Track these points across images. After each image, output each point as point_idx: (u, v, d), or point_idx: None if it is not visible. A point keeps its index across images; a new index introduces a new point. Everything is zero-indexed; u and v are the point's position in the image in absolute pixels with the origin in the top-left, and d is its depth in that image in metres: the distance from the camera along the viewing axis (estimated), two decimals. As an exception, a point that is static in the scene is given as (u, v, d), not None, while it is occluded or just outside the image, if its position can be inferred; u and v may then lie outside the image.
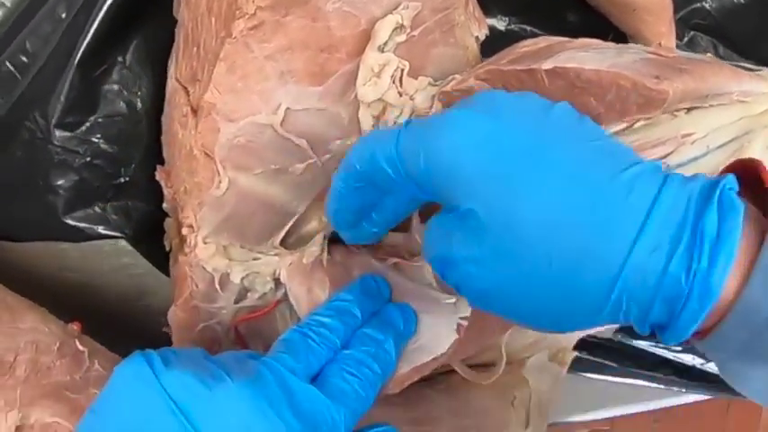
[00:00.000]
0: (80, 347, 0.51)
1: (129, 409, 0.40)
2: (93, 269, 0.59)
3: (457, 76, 0.52)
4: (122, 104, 0.56)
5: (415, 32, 0.52)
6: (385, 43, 0.50)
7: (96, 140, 0.56)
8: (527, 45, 0.52)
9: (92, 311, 0.57)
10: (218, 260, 0.52)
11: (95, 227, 0.56)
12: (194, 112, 0.50)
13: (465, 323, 0.49)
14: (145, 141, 0.56)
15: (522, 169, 0.37)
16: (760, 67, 0.57)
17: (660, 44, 0.62)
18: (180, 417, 0.39)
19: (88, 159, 0.55)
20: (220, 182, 0.50)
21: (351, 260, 0.53)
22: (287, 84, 0.50)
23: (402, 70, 0.51)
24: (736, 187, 0.36)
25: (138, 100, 0.56)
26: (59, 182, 0.55)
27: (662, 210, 0.35)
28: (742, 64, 0.60)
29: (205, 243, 0.51)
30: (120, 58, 0.56)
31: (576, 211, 0.35)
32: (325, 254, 0.53)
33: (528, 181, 0.36)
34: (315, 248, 0.53)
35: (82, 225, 0.56)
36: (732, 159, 0.53)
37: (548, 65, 0.47)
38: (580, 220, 0.35)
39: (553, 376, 0.63)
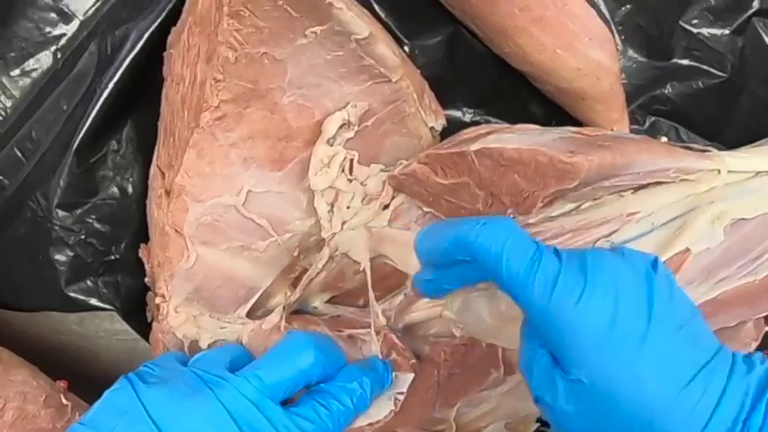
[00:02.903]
0: (64, 401, 0.61)
1: (115, 420, 0.49)
2: (89, 335, 0.68)
3: (403, 161, 0.61)
4: (115, 189, 0.66)
5: (368, 123, 0.61)
6: (333, 137, 0.59)
7: (91, 221, 0.66)
8: (469, 132, 0.61)
9: (84, 373, 0.67)
10: (188, 327, 0.61)
11: (88, 299, 0.66)
12: (167, 193, 0.60)
13: (401, 398, 0.57)
14: (135, 223, 0.66)
15: (625, 353, 0.46)
16: (708, 148, 0.64)
17: (613, 130, 0.69)
18: (153, 428, 0.48)
19: (83, 237, 0.66)
20: (189, 256, 0.59)
21: (308, 329, 0.62)
22: (249, 169, 0.59)
23: (351, 160, 0.60)
24: None
25: (130, 185, 0.67)
26: (57, 257, 0.65)
27: (724, 408, 0.44)
28: (693, 145, 0.67)
29: (176, 312, 0.61)
30: (113, 147, 0.66)
31: (665, 397, 0.45)
32: (284, 322, 0.62)
33: (629, 363, 0.45)
34: (274, 316, 0.62)
35: (77, 297, 0.66)
36: (677, 235, 0.60)
37: (476, 146, 0.56)
38: (666, 405, 0.45)
39: (510, 446, 0.69)
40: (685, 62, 0.71)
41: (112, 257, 0.66)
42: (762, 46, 0.70)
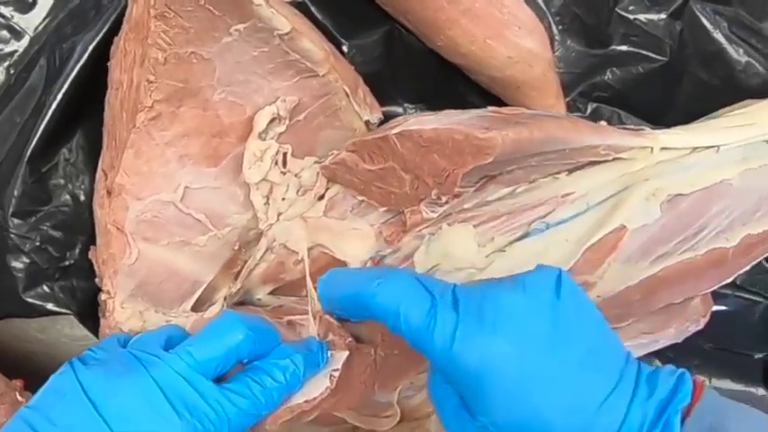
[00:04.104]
0: (19, 398, 0.65)
1: (56, 401, 0.53)
2: (51, 342, 0.73)
3: (334, 151, 0.64)
4: (68, 196, 0.71)
5: (300, 117, 0.65)
6: (264, 132, 0.63)
7: (45, 228, 0.70)
8: (396, 120, 0.64)
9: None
10: (133, 322, 0.65)
11: (45, 304, 0.70)
12: (109, 193, 0.64)
13: (337, 375, 0.60)
14: (87, 228, 0.70)
15: (529, 397, 0.49)
16: (641, 127, 0.67)
17: (546, 114, 0.72)
18: (89, 406, 0.52)
19: (38, 244, 0.70)
20: (131, 252, 0.63)
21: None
22: (185, 166, 0.63)
23: (285, 153, 0.64)
24: (688, 399, 0.49)
25: (82, 192, 0.71)
26: (14, 264, 0.70)
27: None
28: (629, 126, 0.70)
29: (122, 308, 0.64)
30: (65, 156, 0.71)
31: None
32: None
33: (534, 407, 0.49)
34: (216, 307, 0.65)
35: (34, 302, 0.70)
36: (612, 213, 0.63)
37: (396, 130, 0.59)
38: None
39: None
40: (624, 48, 0.74)
41: (67, 263, 0.70)
42: (700, 28, 0.73)
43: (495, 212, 0.65)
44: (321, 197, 0.65)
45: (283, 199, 0.64)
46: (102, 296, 0.64)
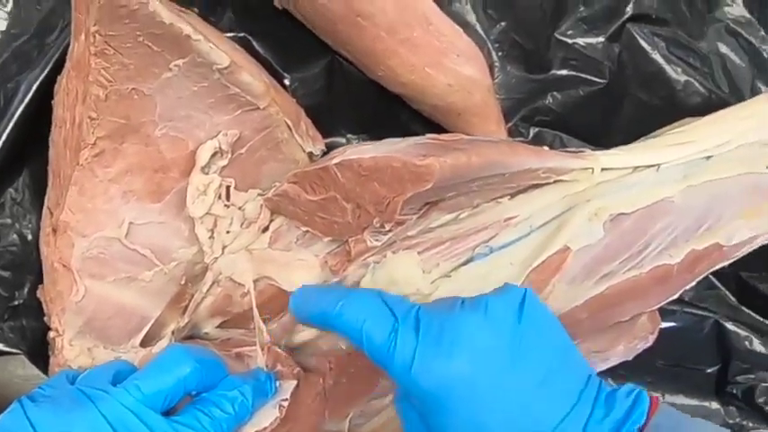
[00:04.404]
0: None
1: None
2: (4, 382, 0.73)
3: (277, 183, 0.65)
4: (15, 236, 0.71)
5: (242, 150, 0.66)
6: (207, 166, 0.64)
7: (-7, 268, 0.71)
8: (339, 150, 0.65)
9: None
10: (82, 360, 0.65)
11: (-5, 344, 0.71)
12: (54, 231, 0.64)
13: (285, 404, 0.60)
14: (36, 267, 0.70)
15: (488, 421, 0.51)
16: (582, 149, 0.68)
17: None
18: None
19: (-14, 285, 0.70)
20: (78, 290, 0.64)
21: (198, 352, 0.65)
22: (129, 202, 0.64)
23: (228, 187, 0.65)
24: (643, 419, 0.50)
25: (30, 231, 0.71)
26: (-37, 305, 0.70)
27: None
28: (569, 148, 0.71)
29: (71, 345, 0.65)
30: (11, 196, 0.71)
31: None
32: (173, 346, 0.66)
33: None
34: (164, 342, 0.66)
35: (-17, 343, 0.70)
36: (556, 234, 0.64)
37: (336, 160, 0.60)
38: None
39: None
40: (564, 72, 0.76)
41: (16, 302, 0.71)
42: (638, 50, 0.75)
43: (439, 238, 0.66)
44: (265, 229, 0.66)
45: (228, 232, 0.65)
46: (51, 334, 0.64)
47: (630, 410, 0.50)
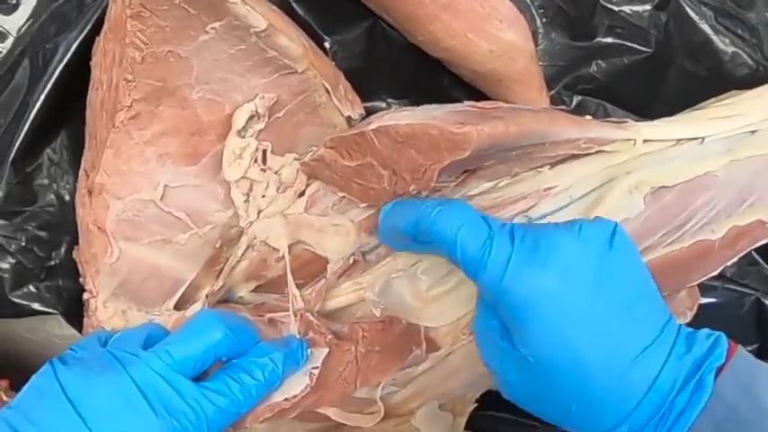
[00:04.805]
0: (4, 398, 0.65)
1: (36, 401, 0.54)
2: (42, 342, 0.73)
3: (314, 147, 0.65)
4: (53, 196, 0.71)
5: (280, 114, 0.65)
6: (244, 129, 0.64)
7: (30, 228, 0.71)
8: (376, 115, 0.65)
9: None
10: (116, 321, 0.65)
11: (32, 304, 0.71)
12: (90, 193, 0.64)
13: (316, 372, 0.60)
14: (72, 228, 0.70)
15: (571, 338, 0.51)
16: (624, 119, 0.67)
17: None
18: (68, 405, 0.52)
19: (23, 245, 0.71)
20: (112, 252, 0.64)
21: (231, 316, 0.65)
22: (165, 165, 0.64)
23: (264, 151, 0.64)
24: (722, 359, 0.51)
25: (67, 192, 0.72)
26: (0, 265, 0.71)
27: (656, 389, 0.50)
28: (612, 118, 0.70)
29: (104, 307, 0.65)
30: (48, 157, 0.71)
31: (605, 381, 0.51)
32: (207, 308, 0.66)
33: (574, 348, 0.51)
34: (198, 305, 0.66)
35: (21, 302, 0.71)
36: (595, 206, 0.63)
37: (373, 126, 0.59)
38: (606, 387, 0.51)
39: (447, 426, 0.72)
40: (609, 40, 0.74)
41: (53, 263, 0.71)
42: (686, 19, 0.73)
43: (478, 206, 0.65)
44: (301, 194, 0.65)
45: (263, 196, 0.64)
46: (85, 295, 0.64)
47: (710, 350, 0.51)
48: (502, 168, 0.64)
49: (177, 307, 0.66)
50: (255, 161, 0.64)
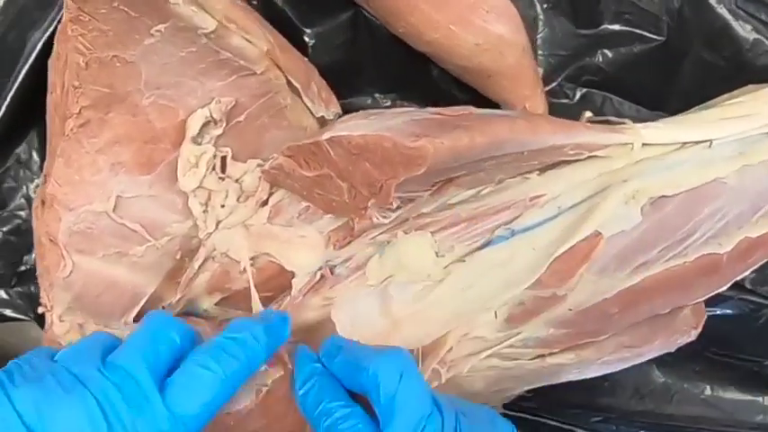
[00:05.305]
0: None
1: None
2: (20, 344, 0.71)
3: (275, 155, 0.60)
4: (22, 200, 0.69)
5: (240, 118, 0.61)
6: (198, 135, 0.59)
7: (0, 233, 0.69)
8: (333, 122, 0.60)
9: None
10: (73, 335, 0.62)
11: (3, 310, 0.69)
12: (43, 203, 0.62)
13: (264, 389, 0.56)
14: (42, 232, 0.68)
15: None
16: (622, 120, 0.61)
17: (526, 107, 0.67)
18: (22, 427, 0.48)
19: (-6, 250, 0.69)
20: (65, 265, 0.61)
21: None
22: (118, 174, 0.60)
23: (223, 158, 0.60)
24: None
25: (34, 195, 0.69)
26: (-29, 270, 0.69)
27: None
28: (611, 118, 0.64)
29: (61, 321, 0.62)
30: (18, 159, 0.69)
31: None
32: (165, 324, 0.62)
33: None
34: (156, 319, 0.62)
35: (-8, 309, 0.69)
36: (586, 218, 0.57)
37: (326, 135, 0.55)
38: None
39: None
40: (616, 27, 0.69)
41: (23, 268, 0.69)
42: (702, 3, 0.67)
43: (456, 218, 0.61)
44: (264, 203, 0.61)
45: (223, 206, 0.60)
46: (41, 309, 0.61)
47: None
48: (482, 176, 0.59)
49: (137, 319, 0.62)
50: (213, 169, 0.60)
